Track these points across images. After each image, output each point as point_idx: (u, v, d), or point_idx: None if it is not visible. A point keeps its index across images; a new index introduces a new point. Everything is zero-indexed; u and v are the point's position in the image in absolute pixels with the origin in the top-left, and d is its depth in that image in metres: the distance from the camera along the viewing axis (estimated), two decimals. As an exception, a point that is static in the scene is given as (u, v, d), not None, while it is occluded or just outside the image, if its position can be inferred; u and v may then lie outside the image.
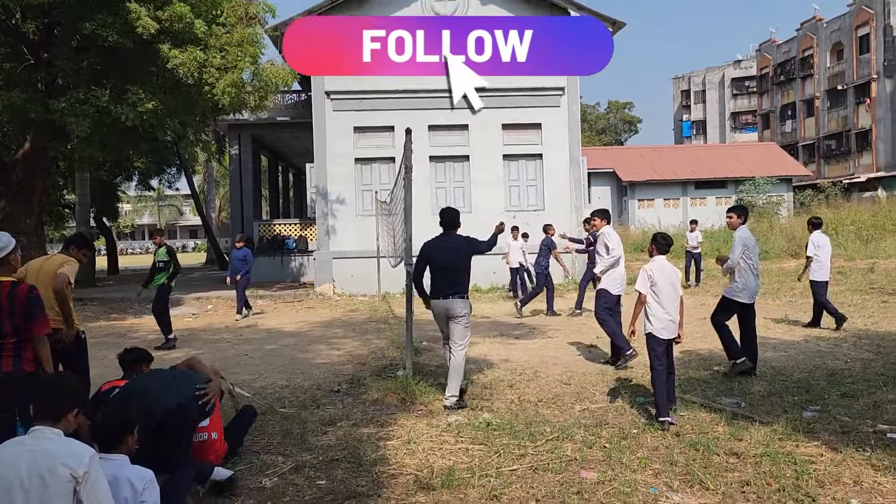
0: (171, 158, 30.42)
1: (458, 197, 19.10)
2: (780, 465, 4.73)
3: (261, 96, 16.08)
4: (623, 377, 7.66)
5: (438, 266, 6.69)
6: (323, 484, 4.69)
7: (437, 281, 6.70)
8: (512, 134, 19.25)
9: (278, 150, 29.51)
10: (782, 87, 54.51)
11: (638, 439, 5.43)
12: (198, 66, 14.34)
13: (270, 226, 24.37)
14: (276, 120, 23.70)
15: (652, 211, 37.93)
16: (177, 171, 34.67)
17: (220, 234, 41.35)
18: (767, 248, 22.71)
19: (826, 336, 9.83)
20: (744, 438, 5.29)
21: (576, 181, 19.34)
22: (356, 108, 18.91)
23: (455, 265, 6.67)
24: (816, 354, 8.57)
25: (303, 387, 7.65)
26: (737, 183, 38.87)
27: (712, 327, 7.82)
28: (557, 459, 4.99)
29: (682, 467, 4.78)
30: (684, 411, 6.10)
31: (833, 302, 13.32)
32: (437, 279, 6.71)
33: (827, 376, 7.30)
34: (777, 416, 5.90)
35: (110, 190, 29.33)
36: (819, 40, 49.61)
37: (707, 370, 7.88)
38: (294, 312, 15.24)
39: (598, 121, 71.72)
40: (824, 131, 49.21)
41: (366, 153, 19.09)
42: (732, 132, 60.27)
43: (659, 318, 5.94)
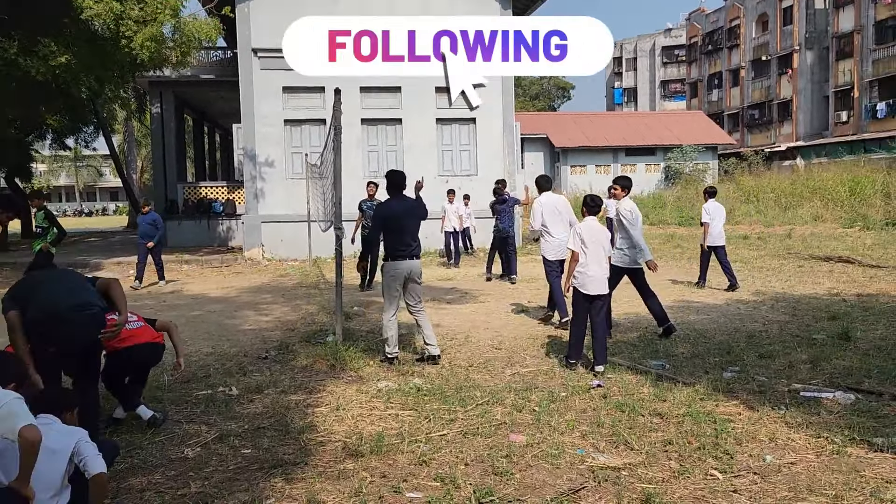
0: (88, 116, 28.84)
1: (391, 161, 18.83)
2: (701, 424, 4.88)
3: (183, 52, 15.32)
4: (554, 339, 7.75)
5: (402, 227, 6.80)
6: (248, 453, 4.56)
7: (399, 242, 6.79)
8: (445, 97, 19.03)
9: (203, 110, 28.38)
10: (710, 57, 55.84)
11: (567, 402, 5.50)
12: (114, 17, 13.53)
13: (196, 188, 23.54)
14: (201, 78, 22.69)
15: (584, 177, 38.50)
16: (94, 130, 32.93)
17: (142, 196, 39.76)
18: (693, 214, 23.41)
19: (746, 299, 10.20)
20: (667, 399, 5.44)
21: (509, 146, 19.36)
22: (285, 67, 18.01)
23: (416, 226, 6.91)
24: (737, 317, 8.89)
25: (229, 354, 7.44)
26: (665, 150, 39.84)
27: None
28: (487, 423, 5.00)
29: (608, 429, 4.87)
30: (612, 374, 6.22)
31: (751, 266, 13.87)
32: (400, 240, 6.79)
33: (746, 338, 7.58)
34: (699, 377, 6.08)
35: (22, 149, 27.67)
36: (746, 11, 50.87)
37: (634, 333, 8.06)
38: (221, 278, 14.82)
39: (531, 86, 71.94)
40: (748, 101, 50.78)
41: (296, 114, 18.55)
42: (662, 100, 61.58)
43: (585, 275, 6.44)
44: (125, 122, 38.62)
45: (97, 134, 34.62)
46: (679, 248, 17.48)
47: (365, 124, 18.80)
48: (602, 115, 47.84)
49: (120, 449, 4.12)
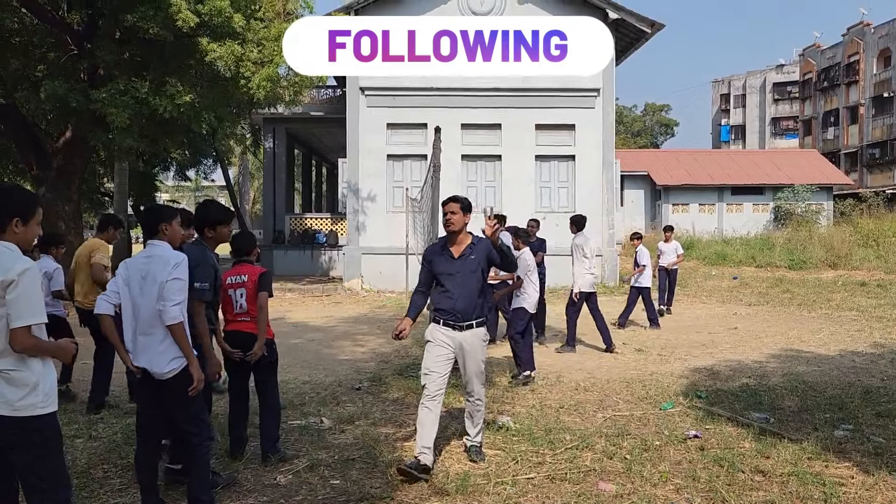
0: (208, 150, 30.80)
1: (490, 196, 19.01)
2: (808, 485, 4.58)
3: (295, 91, 16.15)
4: (649, 387, 7.51)
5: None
6: (337, 483, 4.66)
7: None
8: (545, 134, 19.09)
9: (312, 145, 29.69)
10: (825, 93, 53.24)
11: (660, 452, 5.31)
12: (235, 59, 14.46)
13: (302, 219, 24.54)
14: (311, 115, 23.82)
15: (686, 216, 37.28)
16: (213, 162, 35.10)
17: (252, 226, 41.77)
18: (805, 257, 22.20)
19: (863, 352, 9.54)
20: (771, 456, 5.14)
21: (608, 183, 19.11)
22: (390, 105, 18.93)
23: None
24: (851, 370, 8.32)
25: (324, 383, 7.65)
26: (775, 190, 38.08)
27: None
28: (576, 469, 4.90)
29: (704, 483, 4.65)
30: (710, 424, 5.96)
31: (869, 316, 12.98)
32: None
33: (862, 394, 7.06)
34: (807, 433, 5.72)
35: (148, 179, 29.81)
36: (866, 46, 48.32)
37: (736, 382, 7.69)
38: (321, 307, 15.30)
39: (633, 123, 70.89)
40: (868, 139, 47.93)
41: (398, 150, 19.10)
42: (772, 138, 59.06)
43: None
44: (241, 156, 40.89)
45: (215, 166, 36.92)
46: (788, 293, 16.57)
47: (465, 160, 19.10)
48: (706, 153, 46.34)
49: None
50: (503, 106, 18.89)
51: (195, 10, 13.85)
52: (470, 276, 4.94)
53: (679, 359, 9.17)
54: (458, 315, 4.91)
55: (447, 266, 4.97)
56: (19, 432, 3.07)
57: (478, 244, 5.01)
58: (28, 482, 3.15)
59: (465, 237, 5.02)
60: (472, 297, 4.94)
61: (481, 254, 4.99)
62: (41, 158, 17.24)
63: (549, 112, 18.90)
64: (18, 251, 3.14)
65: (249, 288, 5.15)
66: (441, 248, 5.08)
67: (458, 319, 4.92)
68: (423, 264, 5.19)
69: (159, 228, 4.14)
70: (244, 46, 14.66)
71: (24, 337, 3.02)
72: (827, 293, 16.16)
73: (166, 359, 3.91)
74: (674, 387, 7.46)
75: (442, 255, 5.03)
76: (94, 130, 16.28)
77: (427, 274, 5.11)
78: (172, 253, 4.06)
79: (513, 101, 18.91)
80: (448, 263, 4.97)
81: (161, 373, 3.92)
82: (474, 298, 4.96)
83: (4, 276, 3.00)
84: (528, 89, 18.71)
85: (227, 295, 5.15)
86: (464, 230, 5.01)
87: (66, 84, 14.45)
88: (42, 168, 17.22)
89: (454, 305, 4.91)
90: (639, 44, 19.64)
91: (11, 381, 3.06)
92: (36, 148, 17.32)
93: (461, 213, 4.96)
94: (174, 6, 13.51)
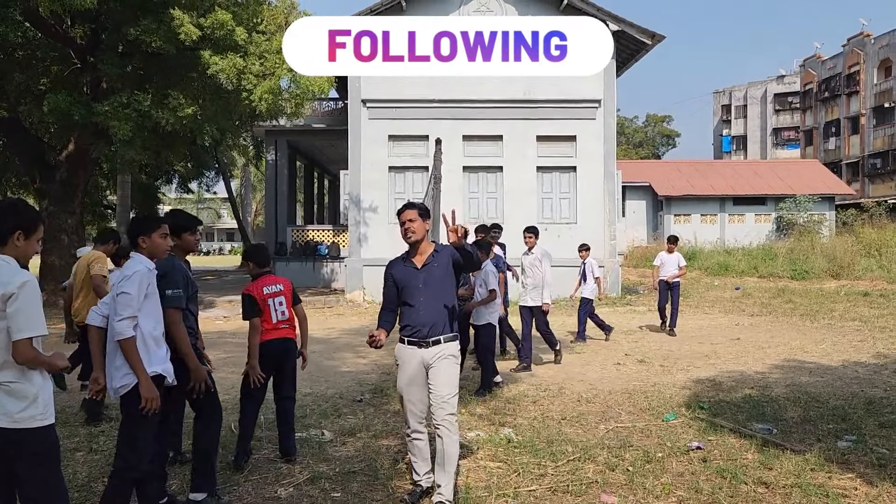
0: (210, 162, 30.92)
1: (491, 208, 19.03)
2: (812, 497, 4.55)
3: (297, 103, 16.23)
4: (652, 398, 7.48)
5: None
6: (338, 497, 4.64)
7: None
8: (546, 146, 19.12)
9: (314, 157, 29.78)
10: (826, 104, 53.33)
11: (663, 464, 5.28)
12: (237, 72, 14.54)
13: (304, 231, 24.56)
14: (313, 127, 23.91)
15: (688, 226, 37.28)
16: (215, 174, 35.22)
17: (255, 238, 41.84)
18: (807, 267, 22.17)
19: (866, 362, 9.50)
20: (774, 467, 5.11)
21: (610, 194, 19.12)
22: (392, 117, 18.99)
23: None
24: (854, 381, 8.28)
25: (326, 395, 7.63)
26: (777, 200, 38.09)
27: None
28: (578, 481, 4.87)
29: (707, 496, 4.63)
30: (713, 436, 5.93)
31: (872, 326, 12.95)
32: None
33: (865, 405, 7.03)
34: (810, 444, 5.69)
35: (151, 192, 29.91)
36: (866, 56, 48.45)
37: (738, 393, 7.66)
38: (323, 318, 15.29)
39: (635, 134, 71.02)
40: (869, 149, 47.96)
41: (400, 161, 19.14)
42: (774, 148, 59.14)
43: None
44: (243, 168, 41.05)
45: (218, 178, 37.05)
46: (791, 304, 16.54)
47: (466, 171, 19.13)
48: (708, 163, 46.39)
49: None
50: (504, 117, 18.94)
51: (197, 23, 13.95)
52: (436, 287, 4.52)
53: (681, 370, 9.14)
54: (424, 329, 4.46)
55: (412, 278, 4.56)
56: (19, 444, 3.07)
57: (441, 251, 4.60)
58: (25, 494, 3.15)
59: (426, 245, 4.62)
60: (438, 309, 4.50)
61: (445, 259, 4.55)
62: (44, 171, 17.32)
63: (550, 123, 18.94)
64: (16, 264, 3.16)
65: (287, 296, 5.47)
66: (403, 261, 4.69)
67: (423, 335, 4.46)
68: (386, 280, 4.74)
69: (137, 241, 4.08)
70: (246, 59, 14.74)
71: (26, 349, 3.04)
72: (829, 303, 16.12)
73: (119, 375, 3.83)
74: (676, 398, 7.44)
75: (405, 267, 4.64)
76: (97, 143, 16.38)
77: (392, 290, 4.69)
78: (128, 265, 4.01)
79: (514, 113, 18.97)
80: (412, 275, 4.57)
81: (114, 388, 3.86)
82: (441, 311, 4.51)
83: (4, 290, 3.02)
84: (530, 101, 18.77)
85: (266, 305, 5.31)
86: (425, 238, 4.62)
87: (70, 97, 14.55)
88: (45, 181, 17.29)
89: (419, 319, 4.48)
90: (639, 55, 19.70)
91: (12, 392, 3.07)
92: (39, 161, 17.41)
93: (420, 220, 4.58)
94: (177, 20, 13.60)
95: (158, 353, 3.99)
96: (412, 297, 4.54)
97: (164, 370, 4.00)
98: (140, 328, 3.86)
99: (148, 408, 3.79)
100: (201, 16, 14.15)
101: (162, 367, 3.98)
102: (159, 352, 4.00)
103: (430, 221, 4.67)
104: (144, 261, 4.03)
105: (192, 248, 4.74)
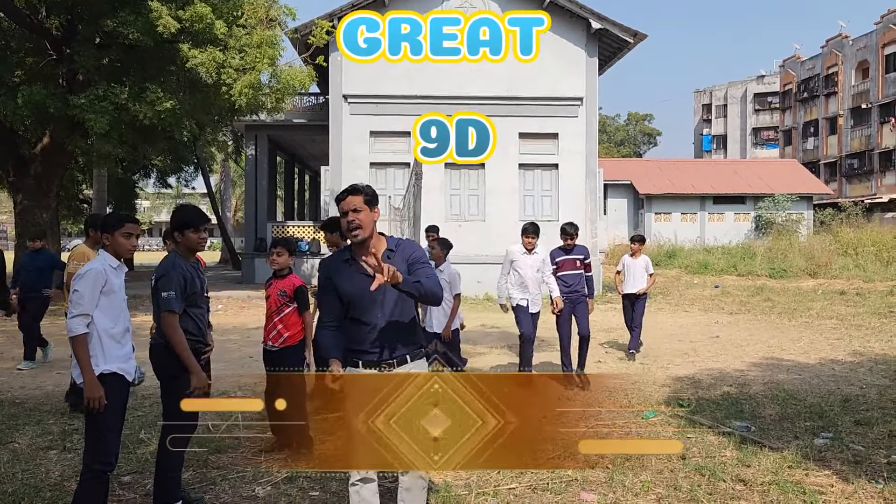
0: (189, 157, 30.60)
1: (472, 205, 19.01)
2: (789, 494, 4.58)
3: (277, 98, 16.11)
4: (631, 396, 7.50)
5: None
6: (316, 495, 4.60)
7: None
8: (528, 143, 19.15)
9: (295, 152, 29.56)
10: (805, 104, 53.97)
11: (642, 461, 5.28)
12: (216, 66, 14.40)
13: (284, 227, 24.39)
14: (293, 122, 23.72)
15: (668, 225, 37.57)
16: (194, 170, 34.87)
17: (234, 234, 41.52)
18: (785, 266, 22.40)
19: (842, 360, 9.61)
20: (752, 465, 5.14)
21: (591, 192, 19.20)
22: (373, 113, 18.91)
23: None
24: (831, 379, 8.36)
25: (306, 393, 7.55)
26: (756, 199, 38.49)
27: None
28: (558, 479, 4.86)
29: (686, 493, 4.64)
30: (692, 434, 5.95)
31: (848, 324, 13.11)
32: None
33: (841, 402, 7.10)
34: (788, 442, 5.73)
35: (128, 187, 29.56)
36: (844, 57, 49.08)
37: (717, 391, 7.70)
38: (303, 315, 15.19)
39: (616, 132, 71.42)
40: (847, 150, 48.61)
41: (381, 157, 19.06)
42: (753, 148, 59.77)
43: None
44: (222, 164, 40.68)
45: (196, 174, 36.69)
46: (769, 302, 16.70)
47: (448, 168, 19.08)
48: (689, 162, 46.78)
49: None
50: (487, 114, 18.85)
51: (176, 15, 13.78)
52: (397, 299, 3.39)
53: (661, 367, 9.18)
54: (384, 349, 3.41)
55: (358, 284, 3.35)
56: None
57: (398, 247, 3.52)
58: None
59: (378, 241, 3.48)
60: (399, 320, 3.45)
61: (403, 256, 3.47)
62: (18, 165, 17.02)
63: (532, 121, 18.97)
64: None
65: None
66: (346, 261, 3.49)
67: (383, 355, 3.41)
68: (322, 287, 3.57)
69: (101, 239, 4.06)
70: (226, 53, 14.59)
71: None
72: (807, 302, 16.29)
73: (77, 371, 3.85)
74: (656, 395, 7.46)
75: (349, 269, 3.44)
76: (73, 136, 16.12)
77: (331, 300, 3.51)
78: (87, 263, 4.03)
79: (496, 110, 18.94)
80: (359, 280, 3.33)
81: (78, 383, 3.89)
82: (403, 322, 3.46)
83: None
84: (512, 98, 18.77)
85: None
86: (374, 233, 3.47)
87: (45, 89, 14.32)
88: (19, 175, 17.00)
89: (375, 336, 3.40)
90: (621, 54, 19.78)
91: None
92: (13, 154, 17.10)
93: (367, 210, 3.40)
94: (155, 12, 13.43)
95: (116, 351, 3.93)
96: (366, 313, 3.41)
97: (121, 369, 3.93)
98: (95, 326, 3.83)
99: (91, 406, 3.76)
100: (180, 8, 13.98)
101: (118, 366, 3.91)
102: (117, 350, 3.94)
103: (378, 210, 3.47)
104: (107, 259, 3.98)
105: (197, 247, 4.40)
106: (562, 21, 18.20)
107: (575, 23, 18.81)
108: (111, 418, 3.84)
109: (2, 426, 6.21)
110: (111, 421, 3.85)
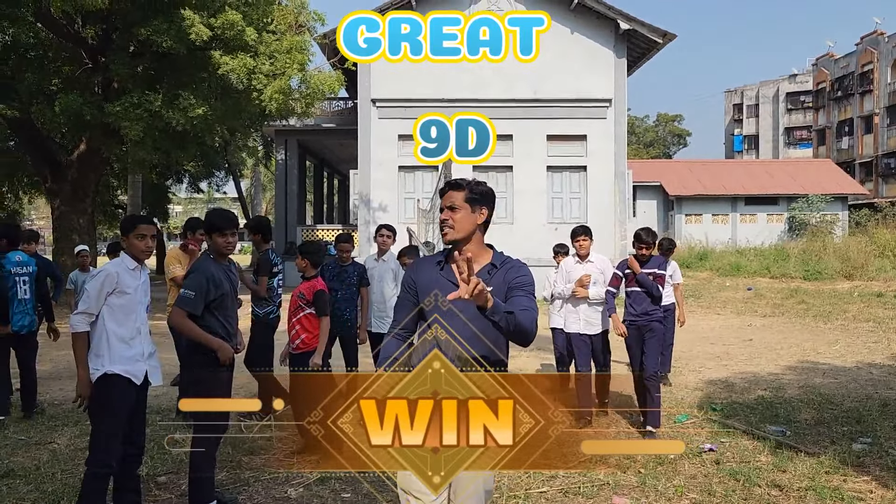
0: (220, 162, 31.02)
1: (500, 207, 18.96)
2: (826, 500, 4.50)
3: (307, 103, 16.25)
4: (664, 399, 7.42)
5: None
6: (348, 497, 4.63)
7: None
8: (556, 145, 19.08)
9: (324, 157, 29.83)
10: (839, 103, 52.93)
11: (675, 466, 5.23)
12: (247, 72, 14.57)
13: (313, 231, 24.61)
14: (322, 126, 23.95)
15: (699, 226, 37.11)
16: (225, 174, 35.33)
17: (265, 238, 41.89)
18: (820, 268, 21.97)
19: (881, 363, 9.40)
20: (788, 470, 5.05)
21: (620, 194, 19.05)
22: (401, 116, 18.98)
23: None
24: (869, 383, 8.19)
25: (336, 395, 7.61)
26: (789, 200, 37.85)
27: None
28: (589, 483, 4.83)
29: (720, 498, 4.58)
30: (726, 438, 5.87)
31: (886, 327, 12.81)
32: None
33: (880, 406, 6.95)
34: (824, 447, 5.63)
35: (162, 191, 30.03)
36: (880, 55, 48.05)
37: (751, 395, 7.59)
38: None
39: (646, 133, 70.76)
40: (883, 149, 47.56)
41: (409, 161, 19.10)
42: (786, 148, 58.79)
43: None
44: (253, 168, 41.17)
45: (228, 178, 37.18)
46: (804, 304, 16.40)
47: (476, 171, 19.07)
48: (720, 163, 46.16)
49: None
50: (515, 117, 18.90)
51: (208, 23, 13.99)
52: (479, 314, 2.52)
53: (693, 371, 9.07)
54: None
55: (441, 291, 2.71)
56: None
57: (503, 265, 2.86)
58: None
59: (480, 251, 2.89)
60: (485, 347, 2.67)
61: (506, 277, 2.81)
62: (56, 171, 17.42)
63: (560, 123, 18.90)
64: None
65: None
66: (438, 263, 2.92)
67: None
68: (402, 285, 3.00)
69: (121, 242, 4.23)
70: (256, 59, 14.77)
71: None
72: (843, 304, 15.97)
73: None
74: (688, 399, 7.38)
75: (437, 273, 2.89)
76: (108, 143, 16.46)
77: (407, 303, 2.94)
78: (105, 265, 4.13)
79: (524, 112, 18.93)
80: (443, 288, 2.71)
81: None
82: (490, 349, 2.69)
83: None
84: (540, 100, 18.72)
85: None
86: (475, 238, 2.87)
87: (81, 97, 14.62)
88: (56, 181, 17.39)
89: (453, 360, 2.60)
90: (650, 54, 19.61)
91: None
92: (50, 161, 17.51)
93: (467, 209, 2.84)
94: (187, 20, 13.65)
95: (124, 352, 3.95)
96: (443, 326, 2.70)
97: (127, 371, 3.95)
98: (105, 327, 3.91)
99: (80, 404, 3.87)
100: (212, 16, 14.20)
101: (124, 368, 3.93)
102: (125, 351, 3.96)
103: (487, 212, 2.88)
104: (125, 261, 4.08)
105: (223, 251, 4.35)
106: (590, 22, 18.12)
107: (603, 24, 18.70)
108: (111, 421, 3.87)
109: (41, 427, 6.36)
110: (110, 423, 3.87)
